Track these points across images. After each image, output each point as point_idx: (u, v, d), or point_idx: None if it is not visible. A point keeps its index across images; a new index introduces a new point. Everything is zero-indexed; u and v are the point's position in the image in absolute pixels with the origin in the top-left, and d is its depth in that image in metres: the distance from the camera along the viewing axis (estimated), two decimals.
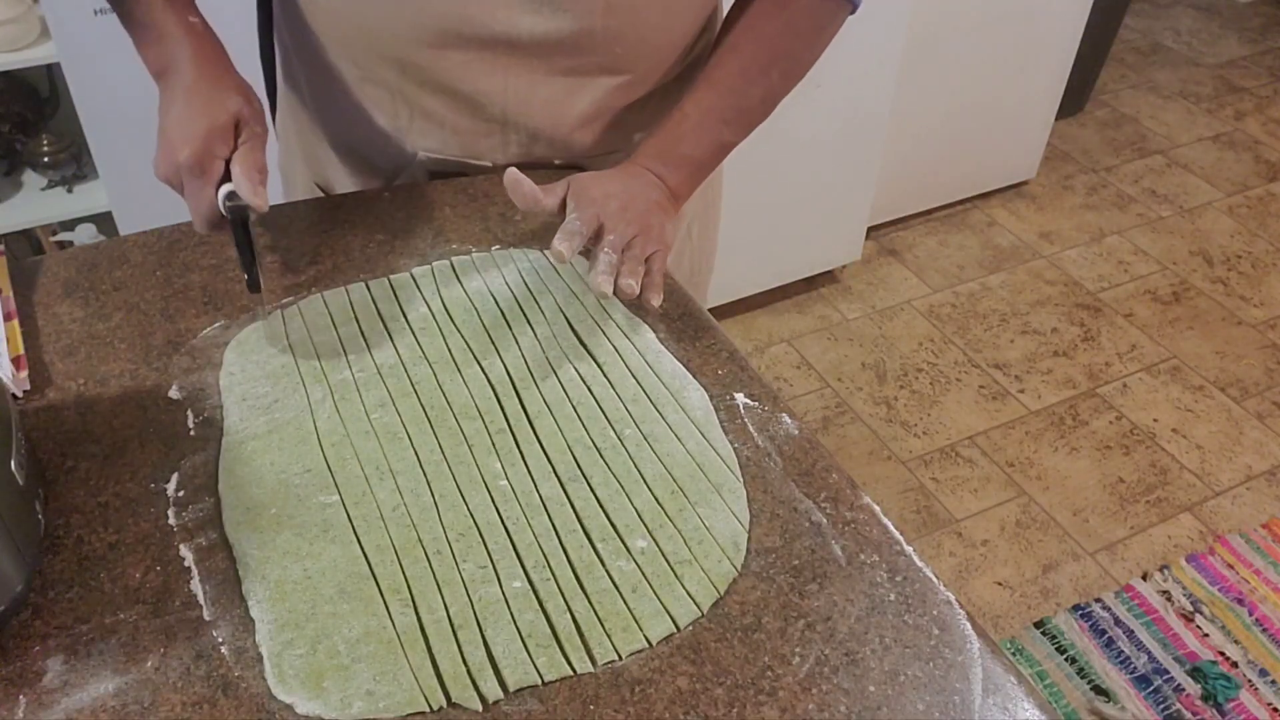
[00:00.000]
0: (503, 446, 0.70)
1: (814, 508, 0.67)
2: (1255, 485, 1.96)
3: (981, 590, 1.76)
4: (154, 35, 0.76)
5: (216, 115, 0.71)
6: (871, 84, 2.01)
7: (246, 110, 0.73)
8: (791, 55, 0.88)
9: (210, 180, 0.70)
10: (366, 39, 0.86)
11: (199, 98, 0.72)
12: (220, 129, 0.71)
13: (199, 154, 0.70)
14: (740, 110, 0.88)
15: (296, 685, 0.56)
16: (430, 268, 0.85)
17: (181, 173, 0.70)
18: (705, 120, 0.86)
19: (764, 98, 0.88)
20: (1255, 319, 2.33)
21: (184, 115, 0.71)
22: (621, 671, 0.58)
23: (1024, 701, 0.58)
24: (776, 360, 2.20)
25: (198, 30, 0.77)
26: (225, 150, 0.71)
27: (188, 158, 0.69)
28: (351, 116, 0.93)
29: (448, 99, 0.88)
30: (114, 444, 0.69)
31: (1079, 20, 2.41)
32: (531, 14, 0.82)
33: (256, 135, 0.73)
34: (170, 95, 0.74)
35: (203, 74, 0.74)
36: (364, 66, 0.89)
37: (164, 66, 0.76)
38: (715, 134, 0.87)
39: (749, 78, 0.87)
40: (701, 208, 1.04)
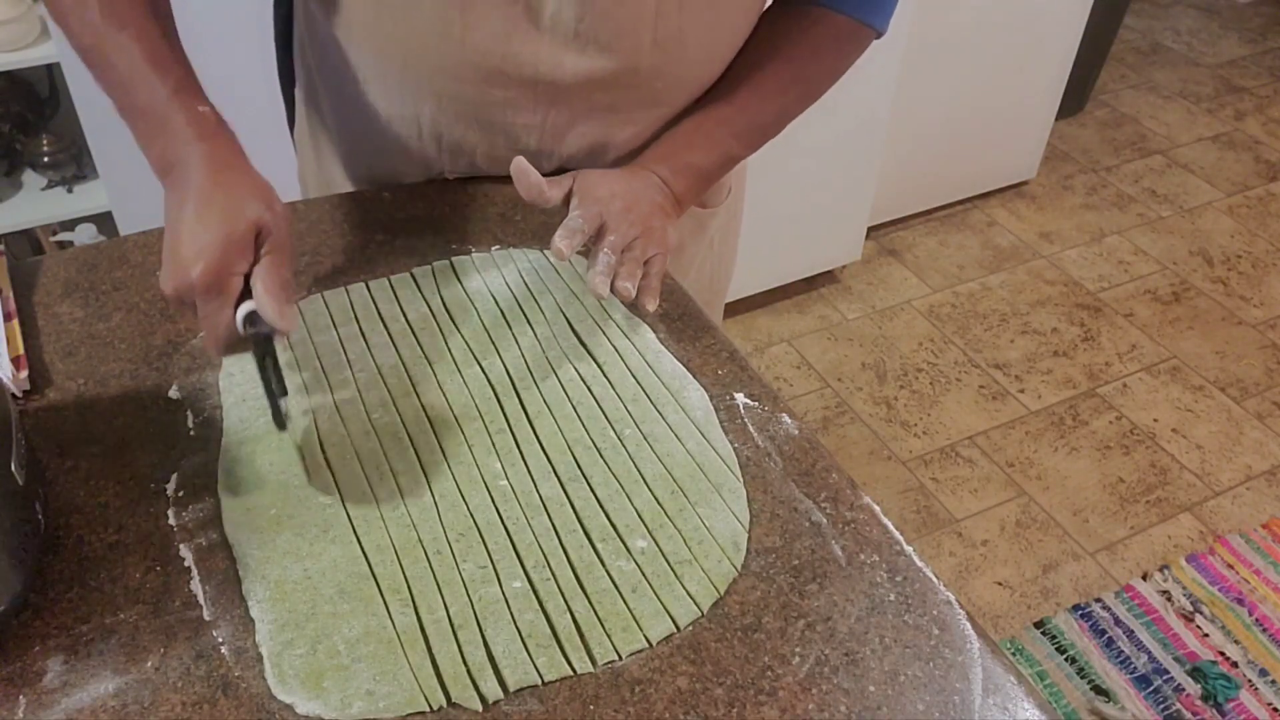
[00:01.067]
0: (503, 446, 0.70)
1: (814, 508, 0.67)
2: (1255, 485, 1.96)
3: (981, 590, 1.76)
4: (157, 126, 0.66)
5: (234, 224, 0.62)
6: (872, 84, 2.01)
7: (268, 216, 0.64)
8: (812, 77, 0.88)
9: (229, 300, 0.62)
10: (404, 73, 0.83)
11: (213, 203, 0.62)
12: (239, 240, 0.62)
13: (215, 270, 0.61)
14: (753, 126, 0.88)
15: (296, 685, 0.56)
16: (430, 268, 0.85)
17: (195, 291, 0.61)
18: (717, 132, 0.86)
19: (779, 115, 0.88)
20: (1255, 319, 2.33)
21: (196, 224, 0.62)
22: (621, 671, 0.58)
23: (1024, 701, 0.58)
24: (776, 360, 2.20)
25: (209, 122, 0.67)
26: (245, 264, 0.62)
27: (202, 274, 0.60)
28: (375, 144, 0.90)
29: (482, 132, 0.87)
30: (114, 444, 0.69)
31: (1079, 20, 2.41)
32: (576, 53, 0.79)
33: (280, 245, 0.64)
34: (179, 199, 0.64)
35: (217, 175, 0.64)
36: (396, 100, 0.86)
37: (170, 164, 0.66)
38: (725, 146, 0.87)
39: (767, 95, 0.87)
40: (725, 220, 1.04)
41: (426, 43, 0.79)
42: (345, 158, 0.95)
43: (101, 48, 0.68)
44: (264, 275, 0.63)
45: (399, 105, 0.86)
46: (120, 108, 0.69)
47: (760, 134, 0.88)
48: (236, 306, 0.62)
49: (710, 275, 1.06)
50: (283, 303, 0.62)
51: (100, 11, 0.67)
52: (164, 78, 0.66)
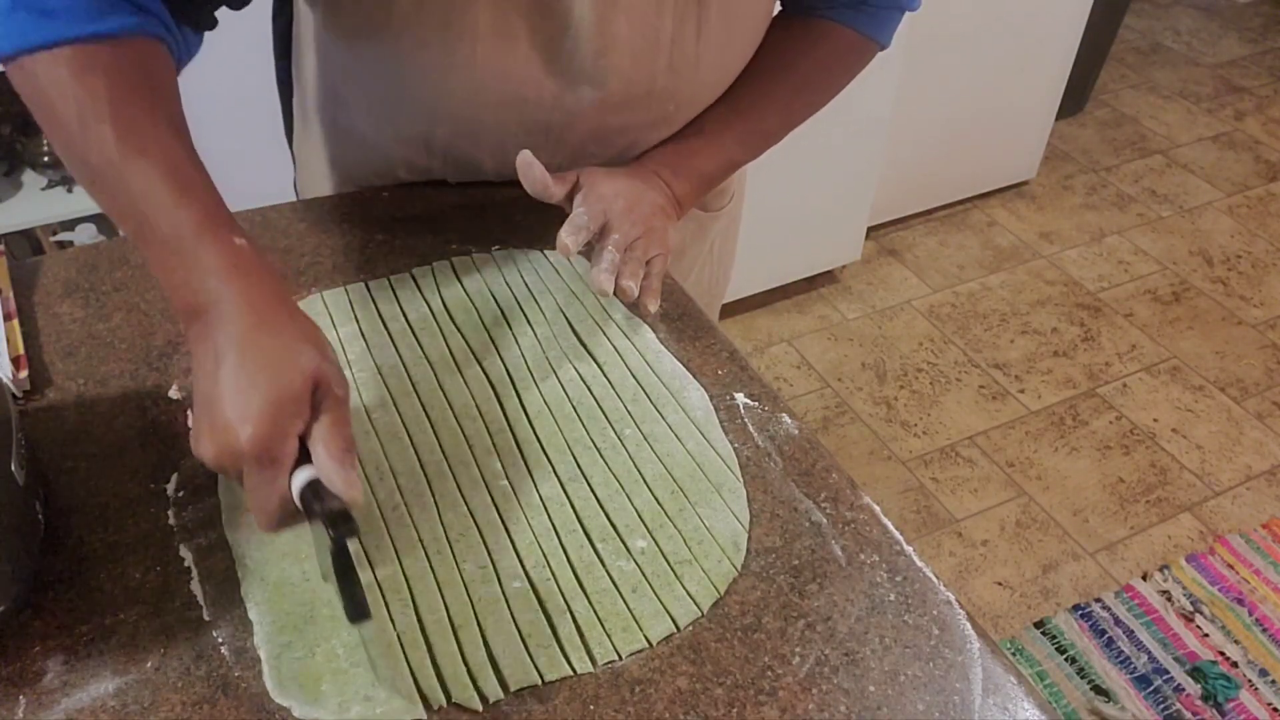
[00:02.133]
0: (503, 446, 0.70)
1: (814, 508, 0.67)
2: (1255, 485, 1.96)
3: (981, 590, 1.76)
4: (183, 262, 0.56)
5: (287, 379, 0.52)
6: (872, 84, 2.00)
7: (325, 367, 0.55)
8: (818, 88, 0.89)
9: (283, 468, 0.53)
10: (418, 100, 0.81)
11: (258, 355, 0.53)
12: (293, 398, 0.52)
13: (266, 435, 0.51)
14: (757, 133, 0.88)
15: (294, 688, 0.56)
16: (430, 268, 0.85)
17: (243, 460, 0.52)
18: (721, 137, 0.86)
19: (783, 124, 0.89)
20: (1255, 319, 2.33)
21: (240, 381, 0.52)
22: (621, 671, 0.58)
23: (1024, 701, 0.58)
24: (776, 360, 2.20)
25: (246, 257, 0.57)
26: (300, 425, 0.53)
27: (252, 440, 0.51)
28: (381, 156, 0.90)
29: (494, 151, 0.86)
30: (114, 444, 0.69)
31: (1079, 20, 2.41)
32: (593, 86, 0.79)
33: (338, 400, 0.55)
34: (212, 349, 0.54)
35: (261, 321, 0.54)
36: (408, 121, 0.84)
37: (199, 306, 0.55)
38: (729, 152, 0.87)
39: (772, 103, 0.87)
40: (725, 225, 1.04)
41: (445, 74, 0.77)
42: (347, 168, 0.94)
43: (116, 171, 0.57)
44: (325, 436, 0.53)
45: (409, 127, 0.85)
46: (136, 238, 0.58)
47: (763, 141, 0.89)
48: (291, 474, 0.53)
49: (710, 280, 1.06)
50: (349, 468, 0.53)
51: (114, 129, 0.57)
52: (190, 205, 0.57)
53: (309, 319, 0.57)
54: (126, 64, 0.60)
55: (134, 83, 0.59)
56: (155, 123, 0.59)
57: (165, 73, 0.63)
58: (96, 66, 0.58)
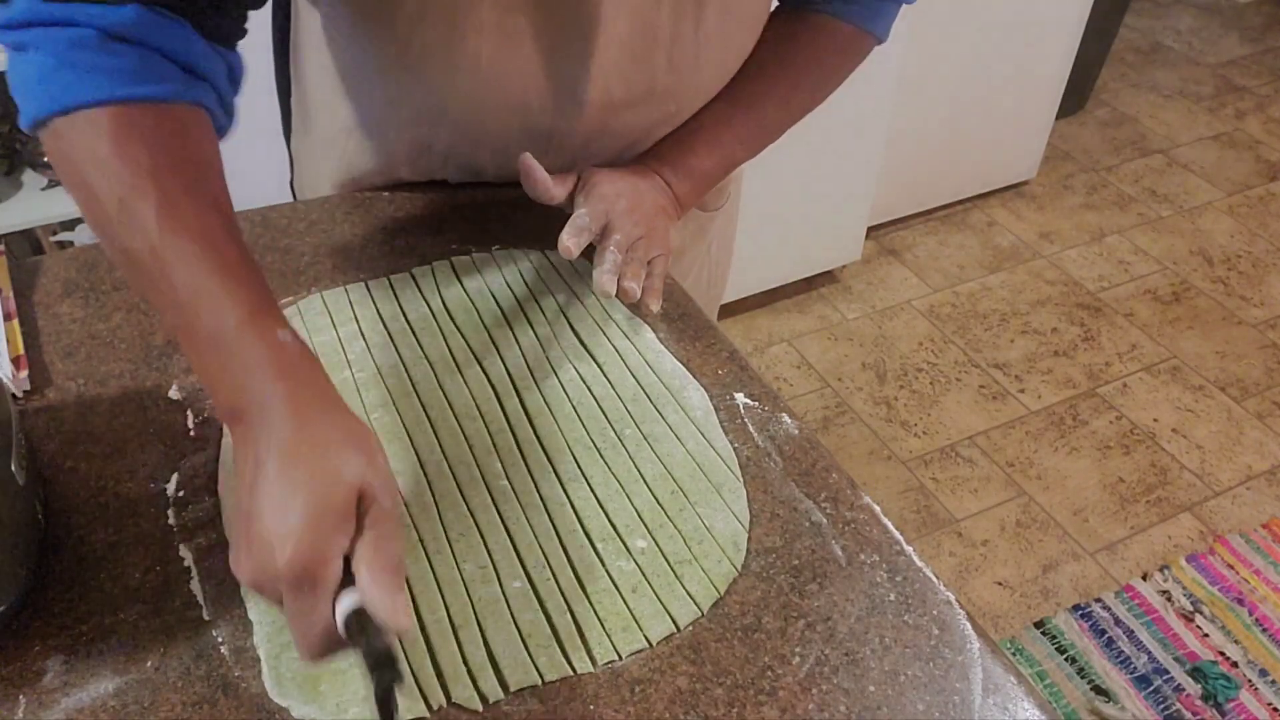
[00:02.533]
0: (503, 446, 0.70)
1: (814, 508, 0.67)
2: (1255, 485, 1.96)
3: (981, 590, 1.76)
4: (226, 360, 0.52)
5: (331, 493, 0.48)
6: (872, 84, 2.00)
7: (371, 476, 0.50)
8: (816, 83, 0.89)
9: (325, 593, 0.48)
10: (423, 107, 0.81)
11: (299, 464, 0.49)
12: (337, 512, 0.48)
13: (307, 555, 0.47)
14: (756, 130, 0.88)
15: (293, 689, 0.56)
16: (430, 268, 0.85)
17: (280, 582, 0.47)
18: (721, 135, 0.86)
19: (782, 120, 0.89)
20: (1255, 319, 2.33)
21: (279, 492, 0.48)
22: (621, 671, 0.58)
23: (1024, 701, 0.58)
24: (776, 360, 2.20)
25: (291, 354, 0.53)
26: (344, 543, 0.48)
27: (290, 562, 0.46)
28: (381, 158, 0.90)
29: (493, 155, 0.87)
30: (114, 444, 0.69)
31: (1079, 20, 2.41)
32: (596, 86, 0.79)
33: (386, 513, 0.50)
34: (254, 455, 0.50)
35: (305, 425, 0.50)
36: (410, 127, 0.84)
37: (242, 408, 0.52)
38: (728, 149, 0.87)
39: (771, 100, 0.87)
40: (723, 224, 1.04)
41: (449, 75, 0.77)
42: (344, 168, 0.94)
43: (155, 256, 0.53)
44: (370, 556, 0.49)
45: (411, 128, 0.85)
46: (174, 329, 0.55)
47: (763, 138, 0.89)
48: (335, 597, 0.48)
49: (708, 279, 1.06)
50: (396, 592, 0.48)
51: (157, 209, 0.53)
52: (235, 298, 0.53)
53: (357, 419, 0.53)
54: (170, 134, 0.56)
55: (178, 157, 0.56)
56: (200, 203, 0.55)
57: (210, 145, 0.59)
58: (137, 136, 0.55)
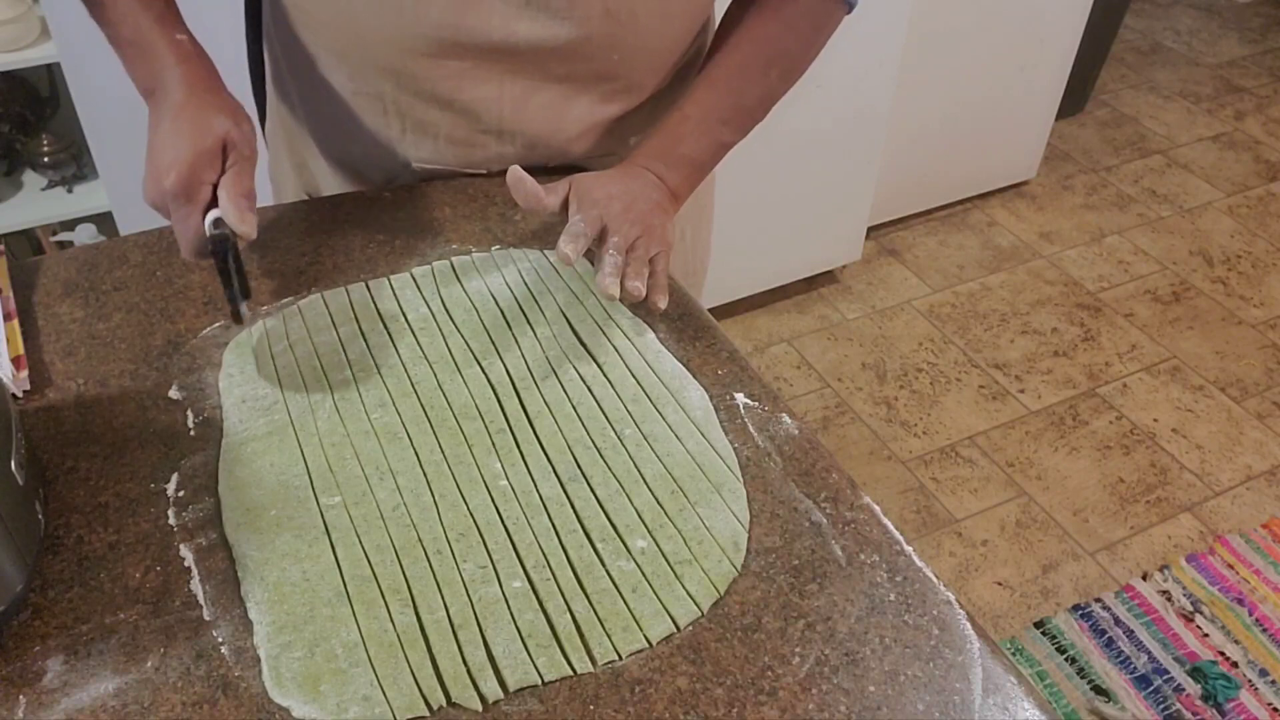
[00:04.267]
0: (503, 446, 0.70)
1: (814, 508, 0.67)
2: (1255, 485, 1.96)
3: (981, 590, 1.76)
4: (139, 53, 0.74)
5: (203, 138, 0.69)
6: (871, 83, 2.01)
7: (235, 133, 0.70)
8: (789, 55, 0.89)
9: (197, 207, 0.69)
10: (361, 50, 0.85)
11: (185, 120, 0.70)
12: (207, 152, 0.69)
13: (185, 179, 0.68)
14: (739, 110, 0.88)
15: (294, 689, 0.56)
16: (430, 268, 0.85)
17: (167, 199, 0.68)
18: (705, 121, 0.86)
19: (762, 98, 0.89)
20: (1255, 319, 2.33)
21: (170, 139, 0.69)
22: (621, 671, 0.58)
23: (1024, 701, 0.58)
24: (776, 360, 2.20)
25: (185, 48, 0.74)
26: (212, 175, 0.69)
27: (173, 183, 0.67)
28: (344, 128, 0.92)
29: (443, 109, 0.88)
30: (114, 444, 0.69)
31: (1079, 20, 2.41)
32: (528, 21, 0.81)
33: (245, 159, 0.71)
34: (158, 117, 0.72)
35: (191, 95, 0.71)
36: (357, 78, 0.88)
37: (152, 86, 0.74)
38: (715, 134, 0.87)
39: (748, 78, 0.87)
40: (695, 210, 1.04)
41: (381, 18, 0.82)
42: (316, 146, 0.97)
43: None
44: (229, 184, 0.68)
45: (361, 84, 0.88)
46: (112, 40, 0.76)
47: (748, 118, 0.89)
48: (205, 213, 0.68)
49: (685, 269, 1.06)
50: (244, 210, 0.68)
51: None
52: (147, 9, 0.74)
53: (231, 97, 0.74)
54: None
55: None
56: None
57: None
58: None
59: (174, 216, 0.69)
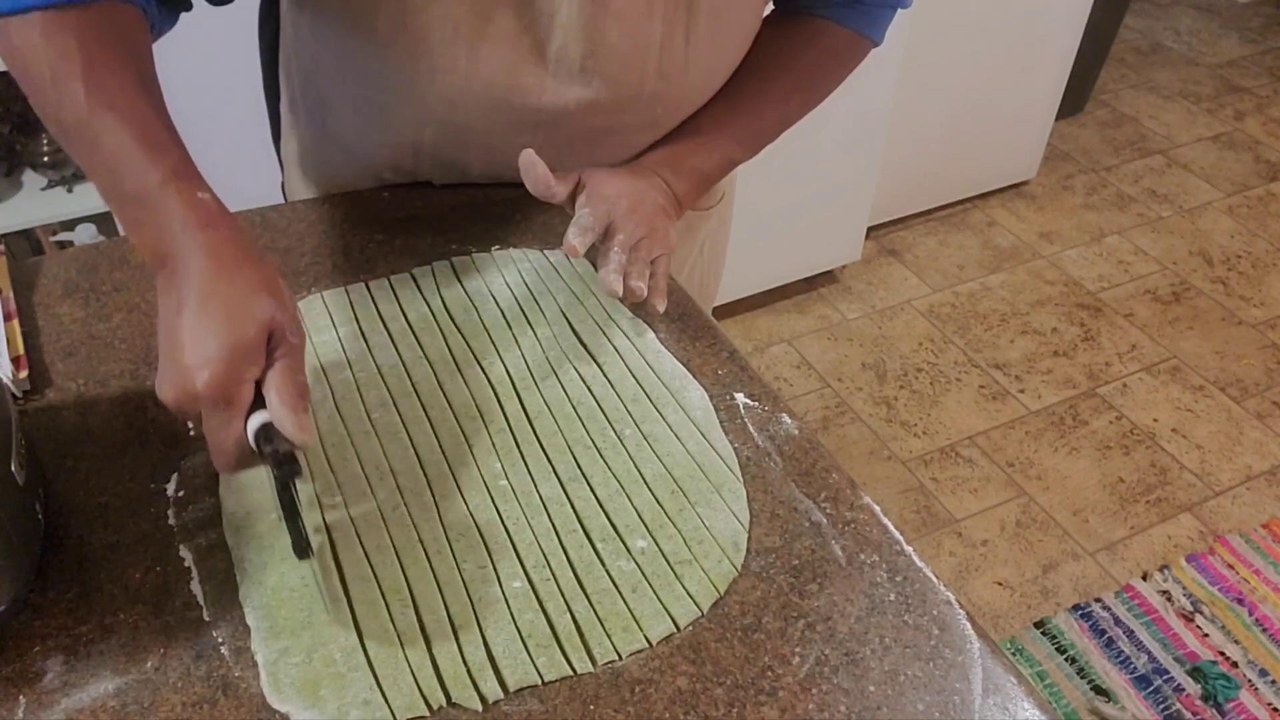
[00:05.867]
0: (503, 446, 0.70)
1: (814, 508, 0.67)
2: (1255, 485, 1.96)
3: (981, 590, 1.76)
4: (149, 214, 0.58)
5: (243, 327, 0.55)
6: (872, 84, 2.00)
7: (281, 316, 0.57)
8: (814, 85, 0.90)
9: (238, 411, 0.55)
10: (408, 104, 0.81)
11: (217, 303, 0.55)
12: (248, 345, 0.55)
13: (222, 380, 0.53)
14: (755, 131, 0.89)
15: (292, 694, 0.56)
16: (430, 268, 0.85)
17: (200, 403, 0.54)
18: (719, 136, 0.87)
19: (780, 121, 0.89)
20: (1255, 319, 2.33)
21: (199, 328, 0.54)
22: (621, 671, 0.58)
23: (1024, 701, 0.58)
24: (776, 360, 2.20)
25: (209, 210, 0.59)
26: (256, 371, 0.55)
27: (208, 385, 0.53)
28: (369, 158, 0.90)
29: (481, 153, 0.87)
30: (114, 444, 0.69)
31: (1079, 20, 2.41)
32: (581, 86, 0.79)
33: (293, 347, 0.57)
34: (176, 297, 0.56)
35: (221, 270, 0.56)
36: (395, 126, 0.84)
37: (164, 255, 0.58)
38: (727, 151, 0.88)
39: (769, 102, 0.88)
40: (716, 224, 1.05)
41: (434, 76, 0.78)
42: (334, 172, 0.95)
43: (86, 128, 0.59)
44: (279, 383, 0.55)
45: (396, 132, 0.85)
46: (107, 193, 0.60)
47: (761, 139, 0.89)
48: (247, 418, 0.55)
49: (700, 280, 1.06)
50: (300, 413, 0.55)
51: (86, 87, 0.59)
52: (157, 161, 0.59)
53: (269, 269, 0.59)
54: (97, 25, 0.61)
55: (104, 42, 0.61)
56: (124, 81, 0.60)
57: (137, 33, 0.64)
58: (67, 28, 0.60)
59: (207, 424, 0.55)
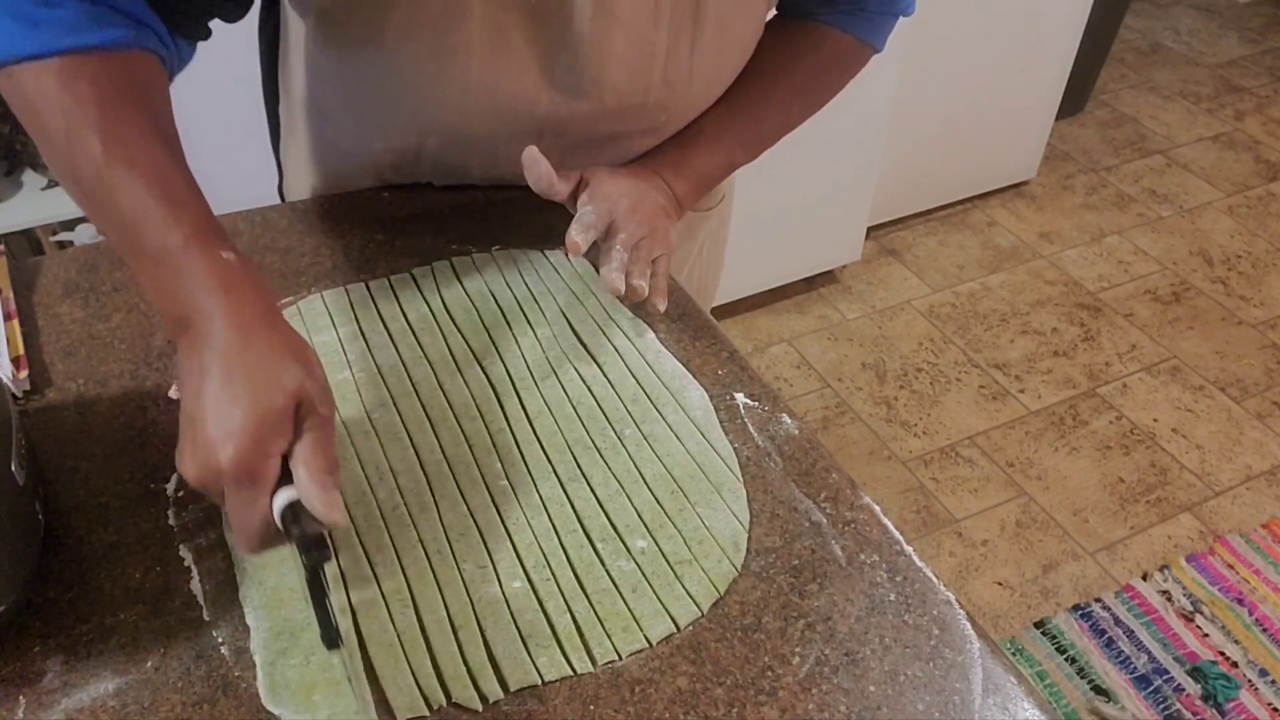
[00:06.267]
0: (503, 446, 0.70)
1: (814, 508, 0.67)
2: (1255, 485, 1.95)
3: (981, 590, 1.76)
4: (171, 275, 0.55)
5: (269, 397, 0.51)
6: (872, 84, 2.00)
7: (309, 385, 0.53)
8: (816, 91, 0.90)
9: (264, 489, 0.51)
10: (414, 113, 0.81)
11: (241, 372, 0.52)
12: (275, 417, 0.51)
13: (247, 455, 0.50)
14: (756, 135, 0.89)
15: (286, 697, 0.56)
16: (430, 268, 0.85)
17: (223, 479, 0.50)
18: (721, 139, 0.87)
19: (781, 125, 0.90)
20: (1255, 319, 2.33)
21: (222, 398, 0.51)
22: (621, 671, 0.58)
23: (1024, 701, 0.58)
24: (776, 360, 2.20)
25: (233, 271, 0.55)
26: (283, 444, 0.52)
27: (232, 460, 0.50)
28: (370, 161, 0.90)
29: (483, 158, 0.87)
30: (114, 444, 0.69)
31: (1079, 20, 2.41)
32: (588, 95, 0.79)
33: (323, 419, 0.53)
34: (199, 364, 0.53)
35: (246, 336, 0.53)
36: (399, 132, 0.84)
37: (186, 319, 0.54)
38: (728, 154, 0.88)
39: (771, 106, 0.88)
40: (715, 226, 1.05)
41: (438, 87, 0.77)
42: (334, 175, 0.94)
43: (103, 184, 0.56)
44: (307, 456, 0.52)
45: (399, 138, 0.85)
46: (125, 253, 0.57)
47: (762, 142, 0.90)
48: (273, 494, 0.52)
49: (698, 282, 1.07)
50: (330, 489, 0.52)
51: (103, 142, 0.56)
52: (178, 219, 0.55)
53: (296, 334, 0.56)
54: (115, 73, 0.59)
55: (122, 91, 0.58)
56: (143, 133, 0.57)
57: (155, 83, 0.62)
58: (83, 75, 0.57)
59: (230, 501, 0.51)
